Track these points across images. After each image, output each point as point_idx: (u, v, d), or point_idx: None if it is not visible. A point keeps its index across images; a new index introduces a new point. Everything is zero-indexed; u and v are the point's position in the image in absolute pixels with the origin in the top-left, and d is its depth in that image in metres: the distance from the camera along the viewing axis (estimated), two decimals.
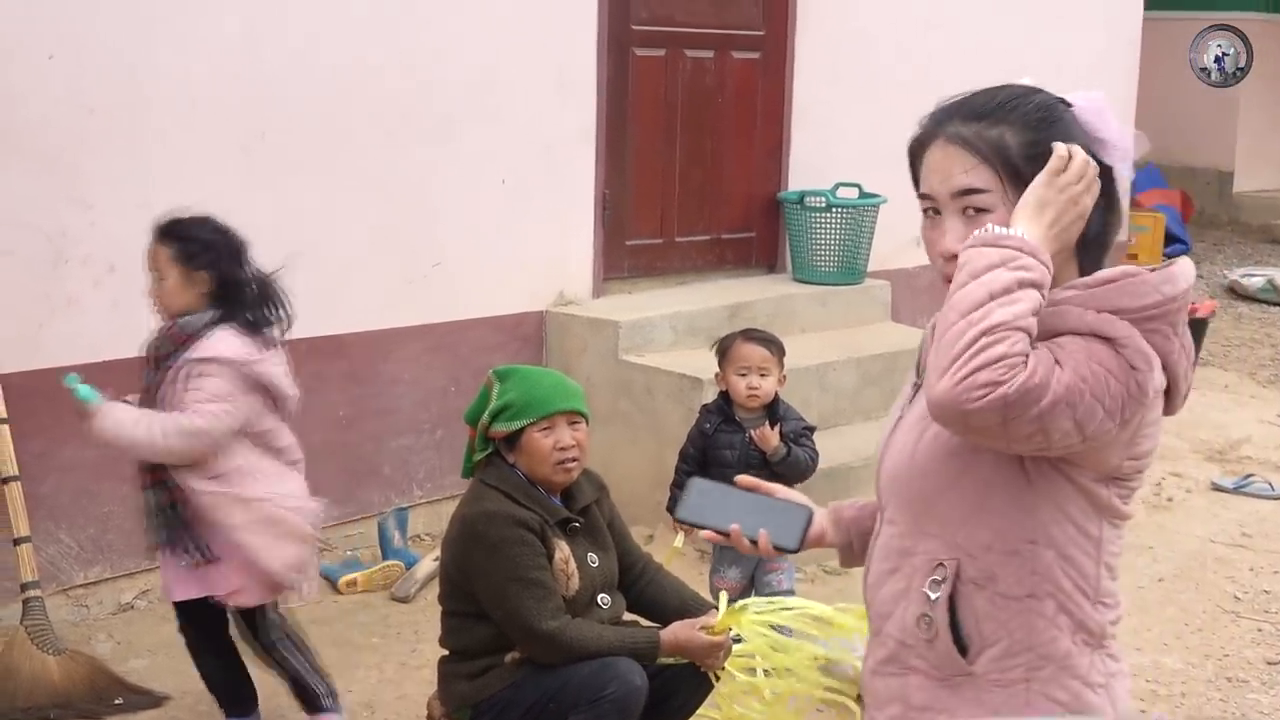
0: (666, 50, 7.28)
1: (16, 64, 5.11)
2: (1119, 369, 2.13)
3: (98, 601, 5.51)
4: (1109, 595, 2.32)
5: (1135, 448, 2.23)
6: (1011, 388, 2.05)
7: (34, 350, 5.24)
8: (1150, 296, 2.18)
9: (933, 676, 2.32)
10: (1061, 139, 2.26)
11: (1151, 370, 2.16)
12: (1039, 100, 2.37)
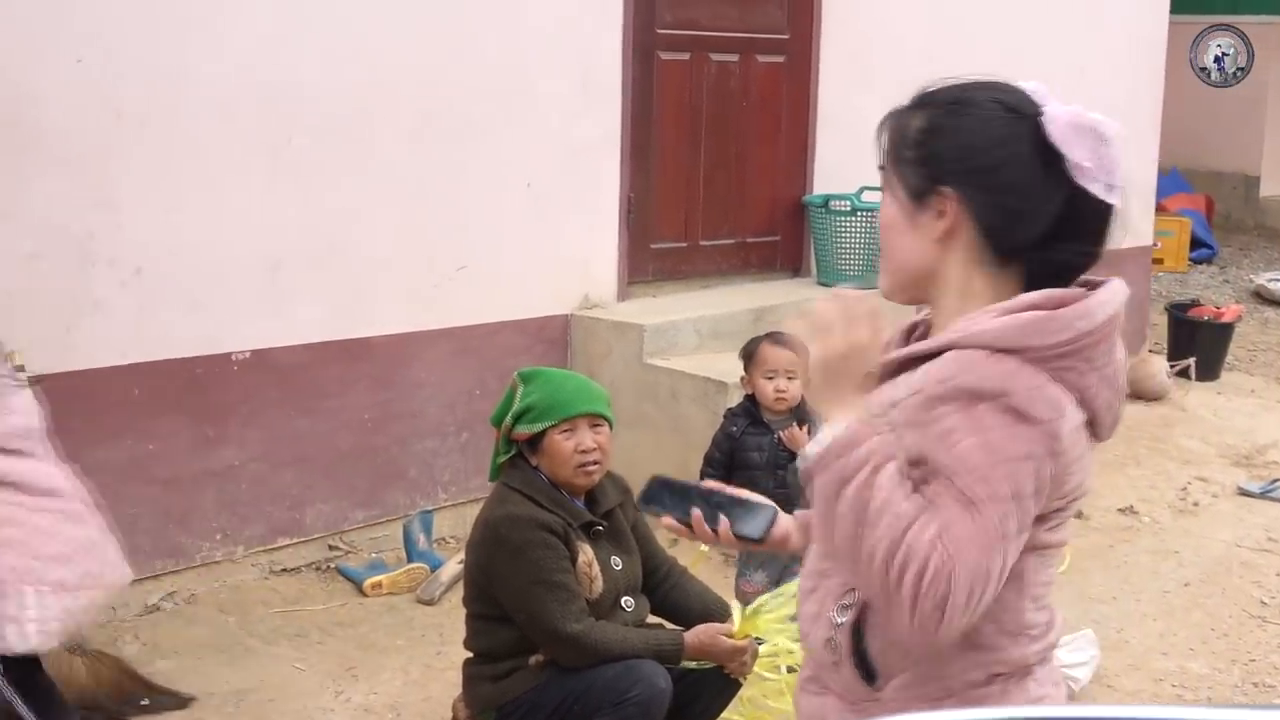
0: (691, 54, 7.29)
1: (45, 67, 5.13)
2: (1020, 445, 2.07)
3: (124, 603, 5.52)
4: (1034, 627, 2.24)
5: (1060, 488, 2.15)
6: (953, 593, 2.03)
7: (62, 352, 5.27)
8: (1061, 334, 2.11)
9: (845, 699, 2.28)
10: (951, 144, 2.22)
11: (1061, 416, 2.10)
12: (978, 98, 2.26)
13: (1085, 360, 2.14)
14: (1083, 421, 2.15)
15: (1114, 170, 2.18)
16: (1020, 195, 2.17)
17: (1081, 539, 6.72)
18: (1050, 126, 2.17)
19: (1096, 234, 2.23)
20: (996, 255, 2.20)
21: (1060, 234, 2.18)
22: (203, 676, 5.07)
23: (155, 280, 5.46)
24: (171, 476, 5.58)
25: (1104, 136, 2.18)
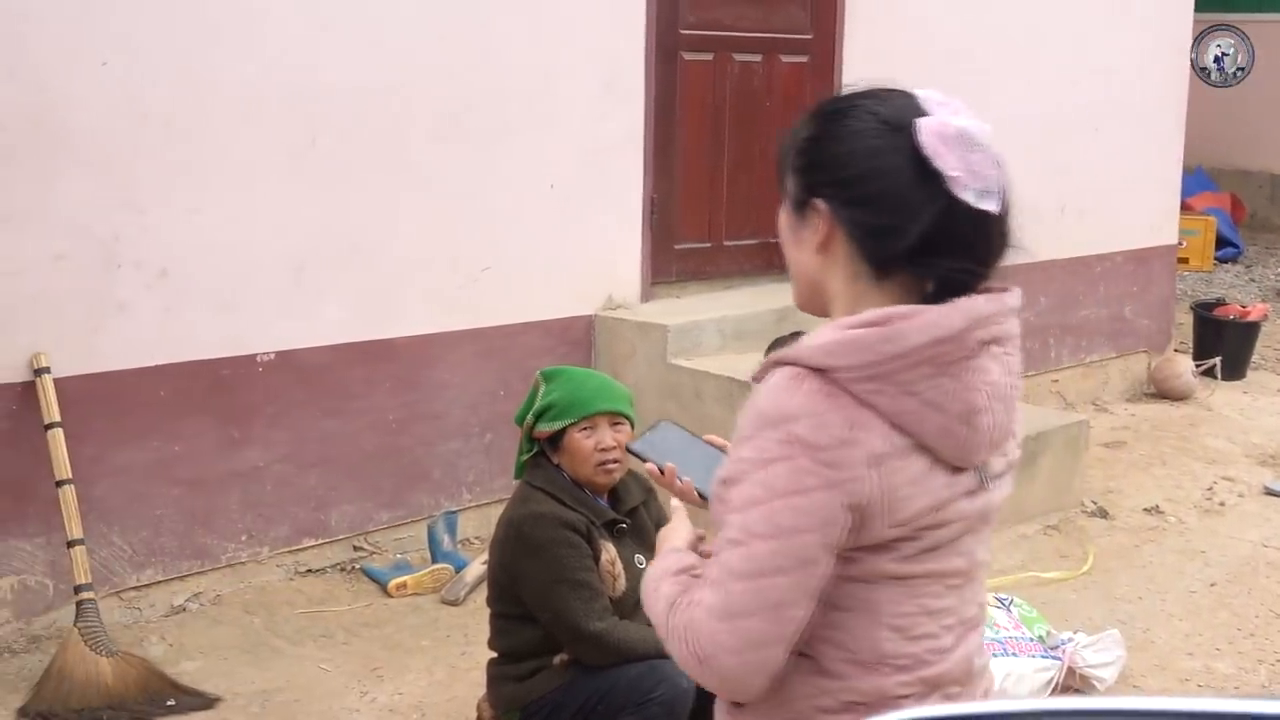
0: (714, 54, 7.29)
1: (72, 70, 5.16)
2: (794, 477, 2.04)
3: (150, 604, 5.55)
4: (897, 658, 2.16)
5: (895, 514, 2.08)
6: (714, 655, 2.08)
7: (87, 354, 5.29)
8: (864, 356, 2.05)
9: (732, 714, 2.28)
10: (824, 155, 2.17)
11: (848, 444, 2.04)
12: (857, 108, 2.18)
13: (895, 384, 2.06)
14: (906, 446, 2.08)
15: (985, 176, 2.11)
16: (890, 207, 2.10)
17: (1107, 539, 6.71)
18: (919, 137, 2.10)
19: (976, 247, 2.13)
20: (872, 268, 2.14)
21: (938, 247, 2.10)
22: (228, 677, 5.09)
23: (181, 282, 5.48)
24: (197, 477, 5.60)
25: (974, 142, 2.12)
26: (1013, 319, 2.19)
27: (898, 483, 2.07)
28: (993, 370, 2.13)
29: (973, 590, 2.25)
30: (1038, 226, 7.77)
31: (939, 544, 2.15)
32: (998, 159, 2.15)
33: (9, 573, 5.23)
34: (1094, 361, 9.25)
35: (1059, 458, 7.07)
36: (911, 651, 2.16)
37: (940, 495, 2.12)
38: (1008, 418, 2.17)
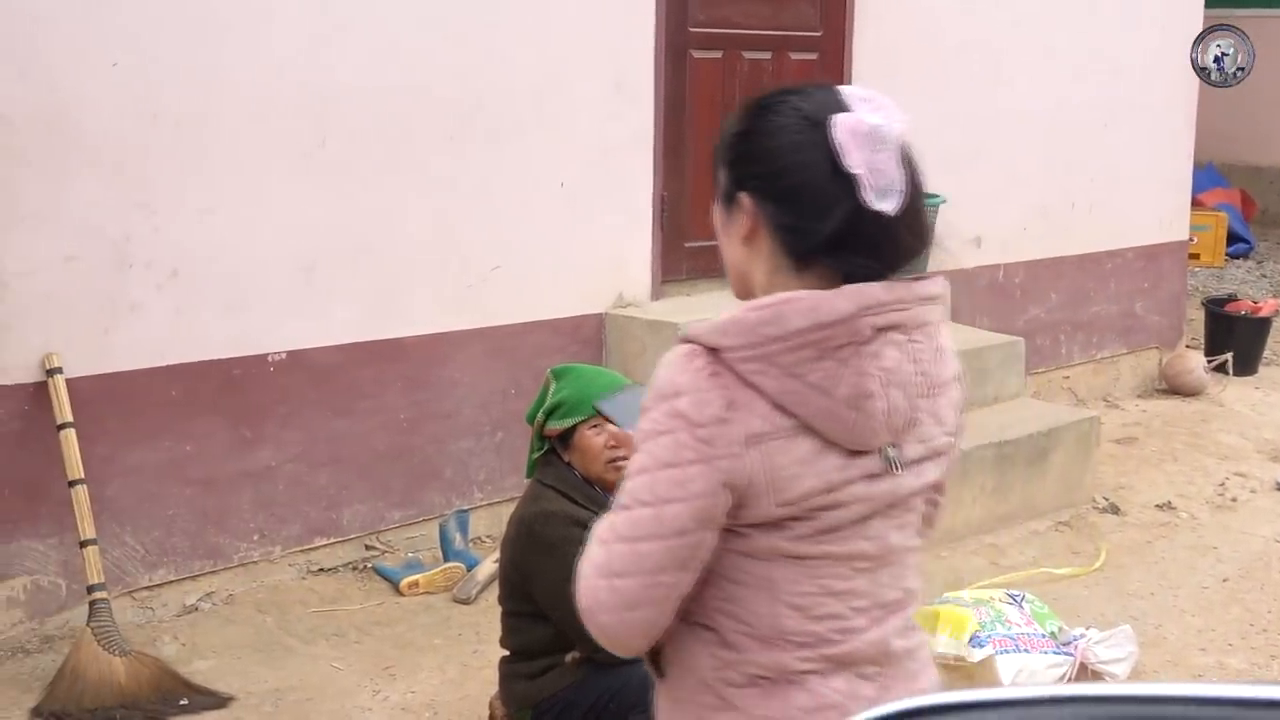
0: (724, 52, 7.28)
1: (82, 71, 5.17)
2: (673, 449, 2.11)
3: (162, 604, 5.56)
4: (797, 635, 2.20)
5: (781, 493, 2.13)
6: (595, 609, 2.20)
7: (99, 354, 5.30)
8: (747, 337, 2.10)
9: (659, 682, 2.37)
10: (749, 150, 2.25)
11: (725, 421, 2.10)
12: (783, 103, 2.25)
13: (778, 366, 2.10)
14: (792, 427, 2.12)
15: (886, 175, 2.13)
16: (805, 203, 2.15)
17: (1119, 535, 6.71)
18: (833, 132, 2.14)
19: (882, 247, 2.16)
20: (792, 260, 2.18)
21: (847, 244, 2.14)
22: (241, 676, 5.10)
23: (191, 282, 5.49)
24: (209, 477, 5.61)
25: (882, 140, 2.15)
26: (926, 307, 2.21)
27: (782, 462, 2.12)
28: (889, 356, 2.15)
29: (892, 574, 2.27)
30: (1047, 223, 7.81)
31: (836, 525, 2.18)
32: (908, 158, 2.18)
33: (22, 573, 5.24)
34: (1105, 358, 9.24)
35: (1070, 454, 7.07)
36: (813, 630, 2.21)
37: (832, 477, 2.15)
38: (909, 404, 2.19)
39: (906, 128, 2.21)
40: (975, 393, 7.21)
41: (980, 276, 8.34)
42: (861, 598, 2.24)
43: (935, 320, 2.23)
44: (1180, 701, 1.04)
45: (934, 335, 2.23)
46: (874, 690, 2.25)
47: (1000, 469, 6.75)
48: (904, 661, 2.31)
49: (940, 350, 2.24)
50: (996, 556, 6.42)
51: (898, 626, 2.30)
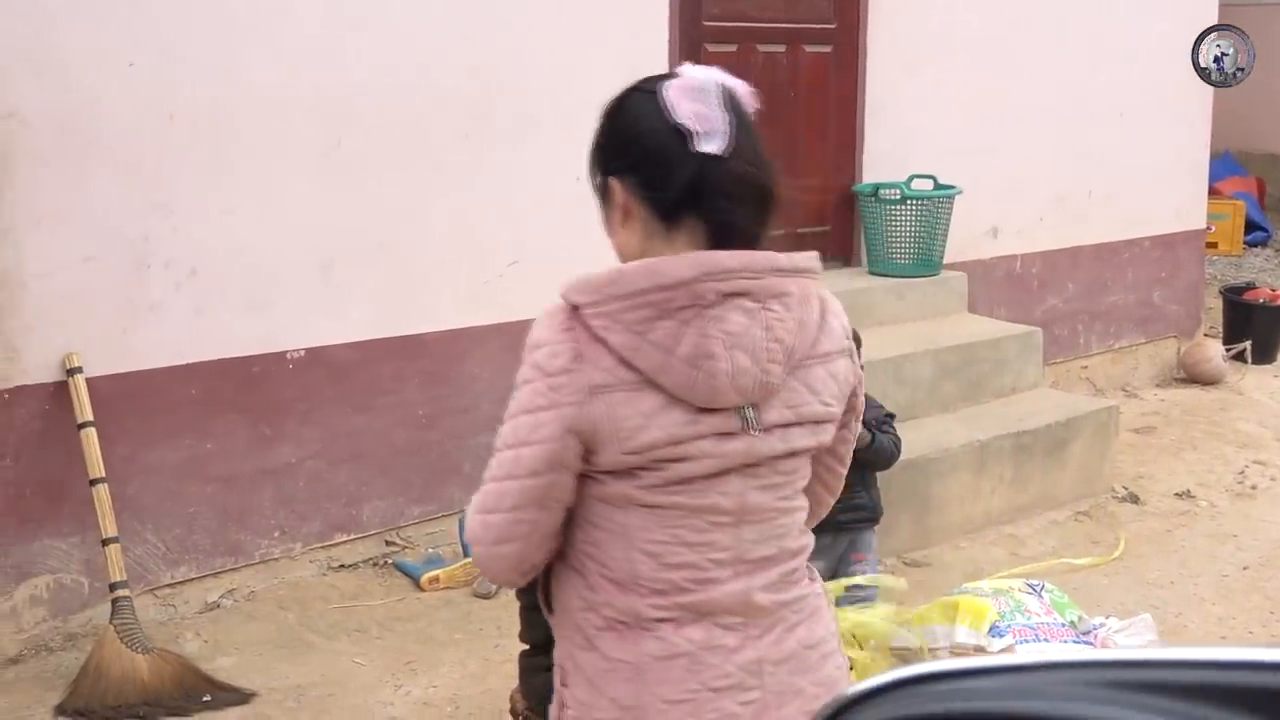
0: (738, 46, 7.29)
1: (100, 72, 5.19)
2: (530, 397, 2.33)
3: (184, 601, 5.59)
4: (652, 581, 2.35)
5: (626, 443, 2.29)
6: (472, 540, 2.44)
7: (119, 354, 5.33)
8: (593, 295, 2.29)
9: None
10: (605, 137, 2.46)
11: (571, 370, 2.28)
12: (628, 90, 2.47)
13: (621, 323, 2.27)
14: (637, 381, 2.27)
15: (709, 120, 2.30)
16: (655, 164, 2.33)
17: (1139, 524, 6.71)
18: (664, 95, 2.34)
19: (726, 191, 2.32)
20: (662, 224, 2.36)
21: (699, 192, 2.31)
22: (263, 672, 5.12)
23: (210, 281, 5.51)
24: (229, 475, 5.63)
25: (703, 90, 2.33)
26: (784, 278, 2.33)
27: (625, 413, 2.28)
28: (733, 321, 2.27)
29: (759, 532, 2.40)
30: (1064, 213, 7.79)
31: (687, 478, 2.32)
32: (732, 104, 2.35)
33: (45, 571, 5.26)
34: (1123, 347, 9.23)
35: (1089, 444, 7.07)
36: (668, 578, 2.35)
37: (677, 431, 2.29)
38: (760, 368, 2.29)
39: (734, 83, 2.39)
40: (993, 383, 7.22)
41: (997, 267, 8.33)
42: (722, 551, 2.36)
43: (797, 292, 2.35)
44: (1177, 665, 1.05)
45: (797, 306, 2.34)
46: (736, 640, 2.38)
47: (1019, 459, 6.75)
48: (779, 613, 2.42)
49: (809, 323, 2.37)
50: (1016, 547, 6.42)
51: (767, 581, 2.41)
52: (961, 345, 7.16)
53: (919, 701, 1.13)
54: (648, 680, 2.35)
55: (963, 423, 6.83)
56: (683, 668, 2.34)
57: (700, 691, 2.34)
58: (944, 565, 6.17)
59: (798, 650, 2.42)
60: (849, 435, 2.60)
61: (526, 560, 2.41)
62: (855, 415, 2.58)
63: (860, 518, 5.17)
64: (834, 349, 2.42)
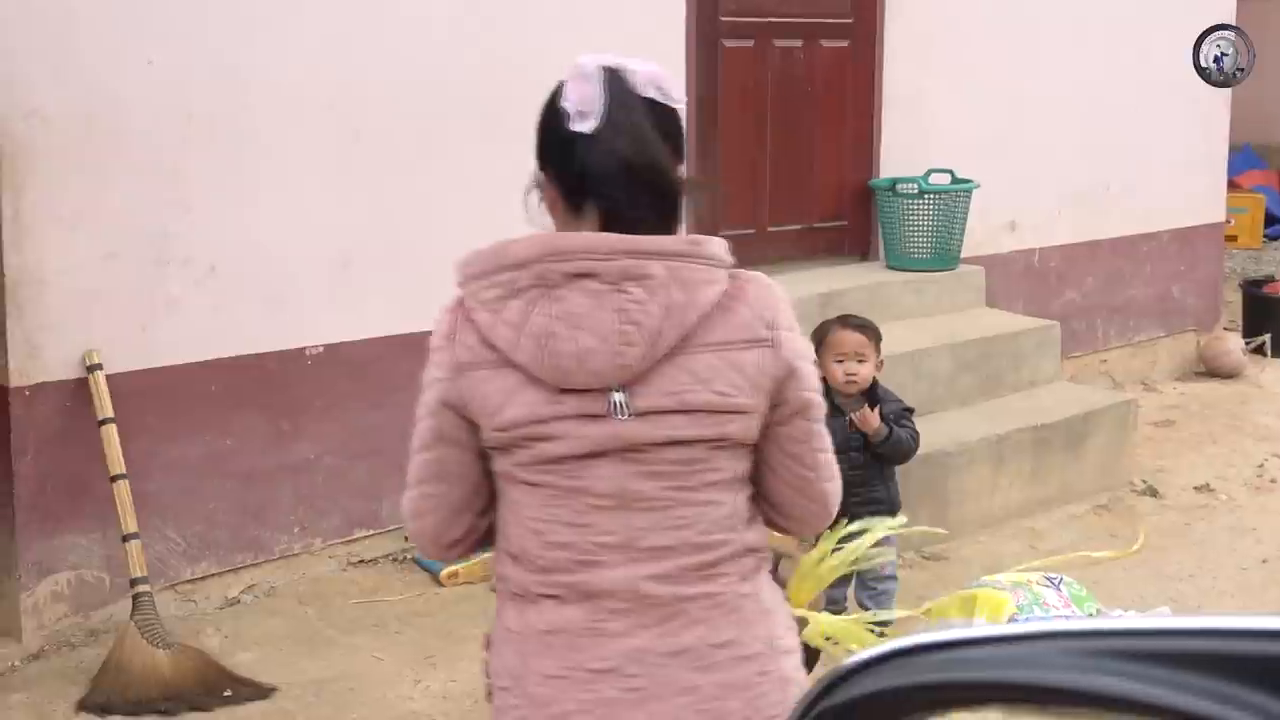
0: (755, 40, 7.29)
1: (118, 70, 5.21)
2: (428, 370, 2.46)
3: (205, 596, 5.61)
4: (535, 558, 2.40)
5: (493, 419, 2.36)
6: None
7: (139, 351, 5.35)
8: (458, 276, 2.41)
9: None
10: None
11: (446, 345, 2.41)
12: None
13: (480, 302, 2.36)
14: (498, 359, 2.34)
15: (585, 100, 2.37)
16: (558, 150, 2.42)
17: (1158, 517, 6.70)
18: (564, 82, 2.44)
19: (606, 174, 2.36)
20: (573, 209, 2.41)
21: (590, 175, 2.37)
22: (284, 667, 5.14)
23: (229, 278, 5.53)
24: (249, 471, 5.65)
25: (585, 73, 2.40)
26: (642, 261, 2.31)
27: (488, 390, 2.36)
28: (576, 302, 2.29)
29: (652, 520, 2.37)
30: (1082, 206, 7.78)
31: (556, 458, 2.35)
32: (614, 84, 2.39)
33: (66, 568, 5.29)
34: (1142, 341, 9.22)
35: (1108, 437, 7.06)
36: (551, 556, 2.39)
37: (538, 411, 2.33)
38: (611, 350, 2.29)
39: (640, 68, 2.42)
40: (1011, 377, 7.21)
41: (1015, 261, 8.33)
42: (606, 535, 2.37)
43: (663, 275, 2.31)
44: (1174, 634, 1.06)
45: (662, 290, 2.31)
46: (622, 626, 2.37)
47: (1037, 453, 6.75)
48: (677, 606, 2.38)
49: (681, 307, 2.31)
50: (1034, 540, 6.42)
51: (659, 571, 2.37)
52: (979, 339, 7.16)
53: (914, 671, 1.15)
54: (528, 652, 2.40)
55: (981, 417, 6.83)
56: (563, 644, 2.37)
57: (576, 670, 2.37)
58: (962, 559, 6.17)
59: (697, 646, 2.38)
60: (799, 433, 2.47)
61: (444, 535, 2.50)
62: (801, 411, 2.46)
63: (878, 511, 5.16)
64: (736, 338, 2.36)
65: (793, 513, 2.53)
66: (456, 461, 2.45)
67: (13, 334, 5.09)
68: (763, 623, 2.45)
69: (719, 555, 2.41)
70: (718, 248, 2.41)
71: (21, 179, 5.05)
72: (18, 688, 4.99)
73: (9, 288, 5.06)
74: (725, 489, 2.42)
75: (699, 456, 2.37)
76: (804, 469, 2.49)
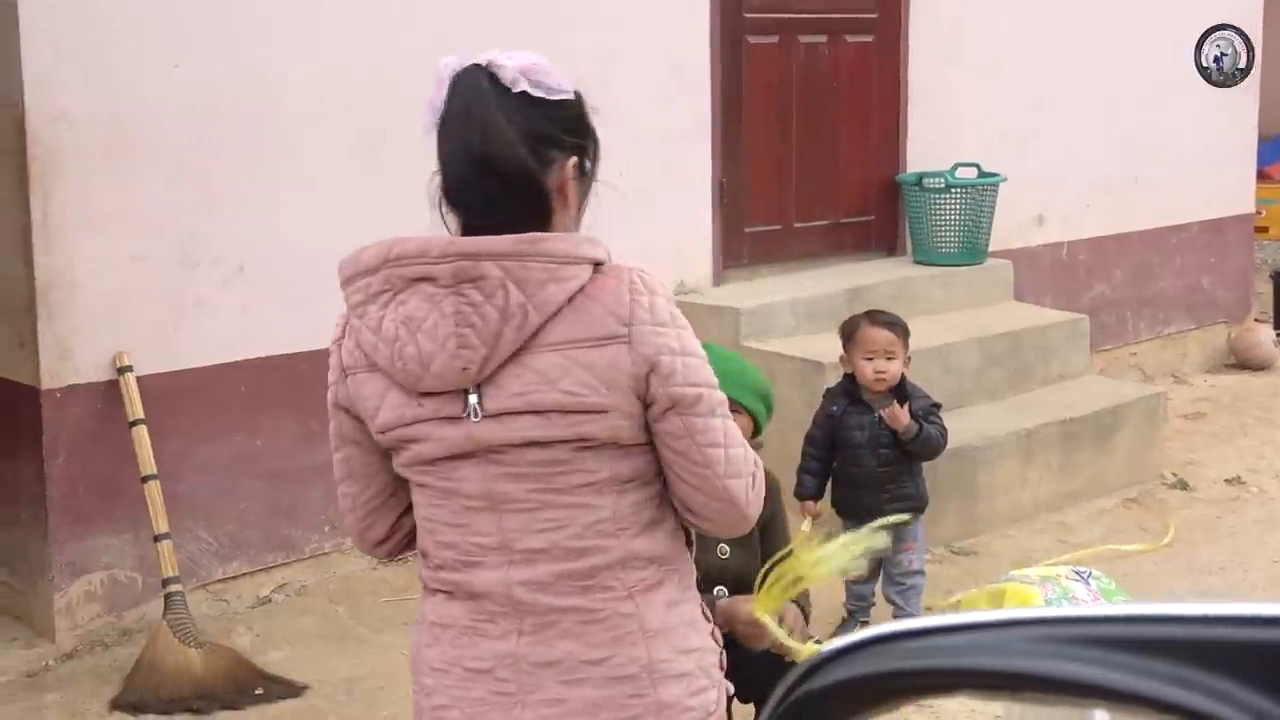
0: (780, 37, 7.29)
1: (146, 73, 5.24)
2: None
3: (236, 595, 5.63)
4: (430, 555, 2.44)
5: (372, 421, 2.39)
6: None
7: (169, 352, 5.38)
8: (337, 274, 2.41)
9: None
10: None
11: (332, 354, 2.45)
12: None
13: (350, 307, 2.40)
14: (368, 363, 2.37)
15: (431, 102, 2.46)
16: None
17: (1188, 510, 6.68)
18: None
19: (448, 169, 2.43)
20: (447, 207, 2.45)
21: (443, 179, 2.45)
22: (315, 666, 5.17)
23: (257, 279, 5.55)
24: (279, 471, 5.68)
25: (438, 76, 2.46)
26: (475, 263, 2.27)
27: (365, 393, 2.39)
28: (413, 306, 2.30)
29: (520, 522, 2.34)
30: (1110, 199, 7.75)
31: (426, 459, 2.37)
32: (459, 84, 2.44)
33: (99, 568, 5.32)
34: (1172, 334, 9.18)
35: (1138, 430, 7.04)
36: (440, 555, 2.42)
37: (404, 413, 2.35)
38: (450, 353, 2.27)
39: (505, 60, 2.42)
40: (1040, 371, 7.20)
41: (1043, 255, 8.31)
42: (484, 536, 2.36)
43: (497, 275, 2.26)
44: (1149, 620, 1.08)
45: (498, 291, 2.26)
46: (498, 630, 2.36)
47: (1066, 447, 6.74)
48: (550, 616, 2.35)
49: (519, 307, 2.26)
50: (1064, 534, 6.40)
51: (532, 577, 2.34)
52: (1008, 333, 7.14)
53: (890, 658, 1.17)
54: (422, 642, 2.46)
55: (1010, 411, 6.82)
56: (448, 639, 2.41)
57: (454, 666, 2.40)
58: (992, 553, 6.15)
59: (567, 660, 2.34)
60: (677, 429, 2.34)
61: (367, 533, 2.55)
62: (675, 407, 2.33)
63: (907, 507, 5.17)
64: (585, 336, 2.29)
65: (702, 512, 2.41)
66: (361, 461, 2.49)
67: (44, 336, 5.13)
68: (644, 644, 2.36)
69: (595, 563, 2.35)
70: (564, 244, 2.34)
71: (50, 182, 5.08)
72: (52, 687, 5.02)
73: (40, 290, 5.10)
74: (598, 491, 2.34)
75: (561, 458, 2.32)
76: (696, 466, 2.35)
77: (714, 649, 2.51)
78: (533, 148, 2.37)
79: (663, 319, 2.37)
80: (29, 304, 5.12)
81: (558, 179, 2.42)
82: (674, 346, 2.36)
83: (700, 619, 2.50)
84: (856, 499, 5.13)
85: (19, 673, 5.11)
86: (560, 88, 2.46)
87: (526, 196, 2.36)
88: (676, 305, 2.45)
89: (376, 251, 2.35)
